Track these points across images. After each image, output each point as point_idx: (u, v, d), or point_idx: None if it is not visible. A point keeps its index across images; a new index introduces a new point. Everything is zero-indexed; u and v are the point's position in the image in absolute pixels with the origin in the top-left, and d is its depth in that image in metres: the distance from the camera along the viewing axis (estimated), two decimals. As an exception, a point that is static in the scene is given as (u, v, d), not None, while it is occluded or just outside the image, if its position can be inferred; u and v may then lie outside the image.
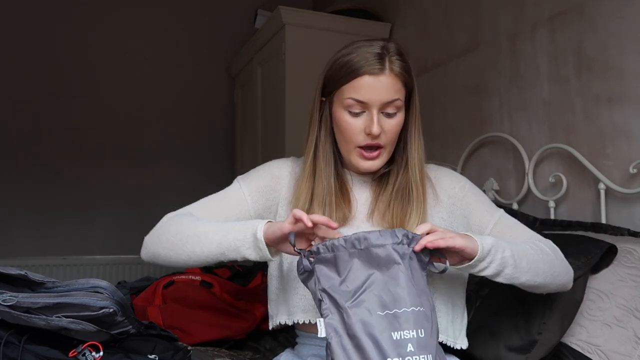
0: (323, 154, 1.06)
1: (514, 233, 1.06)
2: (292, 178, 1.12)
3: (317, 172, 1.05)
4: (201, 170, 3.33)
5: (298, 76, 2.44)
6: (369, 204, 1.07)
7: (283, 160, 1.18)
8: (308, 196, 1.04)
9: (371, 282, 0.81)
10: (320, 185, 1.04)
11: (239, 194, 1.11)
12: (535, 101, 1.79)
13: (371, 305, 0.79)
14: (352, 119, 1.01)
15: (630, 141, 1.47)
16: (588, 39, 1.60)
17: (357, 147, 1.02)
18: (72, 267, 3.02)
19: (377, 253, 0.82)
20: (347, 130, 1.02)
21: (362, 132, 1.01)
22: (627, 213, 1.48)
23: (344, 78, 1.01)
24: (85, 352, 0.90)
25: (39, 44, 3.03)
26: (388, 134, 1.02)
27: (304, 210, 1.01)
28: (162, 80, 3.25)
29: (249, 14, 3.18)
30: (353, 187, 1.09)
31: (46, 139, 3.02)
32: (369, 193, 1.09)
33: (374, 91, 0.99)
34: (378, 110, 1.00)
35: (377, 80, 0.99)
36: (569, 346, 1.15)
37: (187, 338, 1.46)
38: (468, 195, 1.09)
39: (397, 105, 1.02)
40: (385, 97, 1.00)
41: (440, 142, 2.24)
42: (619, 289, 1.18)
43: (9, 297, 0.88)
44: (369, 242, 0.82)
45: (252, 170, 1.18)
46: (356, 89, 1.00)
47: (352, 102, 1.00)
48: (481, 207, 1.09)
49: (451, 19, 2.21)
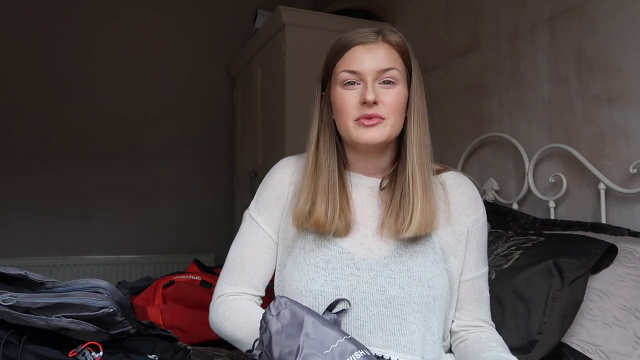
0: (324, 148, 1.01)
1: (478, 299, 1.04)
2: (296, 173, 1.07)
3: (318, 166, 1.01)
4: (201, 170, 3.33)
5: (298, 76, 2.45)
6: (378, 213, 1.01)
7: (282, 163, 1.12)
8: (311, 192, 0.99)
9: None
10: (323, 179, 0.99)
11: (260, 234, 1.07)
12: (535, 101, 1.79)
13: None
14: (347, 92, 0.97)
15: (630, 141, 1.47)
16: (588, 38, 1.60)
17: (355, 120, 0.96)
18: (72, 267, 3.02)
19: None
20: (342, 104, 0.97)
21: (358, 103, 0.95)
22: (627, 213, 1.48)
23: (337, 55, 0.98)
24: (85, 352, 0.90)
25: (39, 44, 3.03)
26: (388, 105, 0.95)
27: (303, 211, 0.98)
28: (162, 80, 3.25)
29: (249, 14, 3.18)
30: (356, 188, 1.04)
31: (46, 138, 3.02)
32: (377, 202, 1.02)
33: (367, 59, 0.95)
34: (373, 79, 0.95)
35: (369, 48, 0.96)
36: (569, 346, 1.15)
37: (187, 338, 1.46)
38: (475, 234, 1.04)
39: (393, 76, 0.96)
40: (379, 65, 0.95)
41: (440, 142, 2.24)
42: (619, 289, 1.18)
43: (8, 297, 0.88)
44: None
45: (258, 194, 1.11)
46: (348, 60, 0.96)
47: (345, 74, 0.96)
48: (475, 255, 1.04)
49: (451, 19, 2.21)
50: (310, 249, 0.99)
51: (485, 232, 1.08)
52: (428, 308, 0.95)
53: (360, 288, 0.95)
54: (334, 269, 0.96)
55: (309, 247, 1.00)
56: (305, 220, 0.99)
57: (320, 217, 0.97)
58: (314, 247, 0.99)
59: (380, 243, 0.99)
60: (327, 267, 0.97)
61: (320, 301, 0.95)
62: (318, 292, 0.95)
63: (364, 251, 0.98)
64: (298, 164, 1.09)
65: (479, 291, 1.05)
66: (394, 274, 0.95)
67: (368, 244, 0.99)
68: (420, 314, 0.94)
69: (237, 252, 1.07)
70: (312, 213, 0.98)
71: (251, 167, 2.95)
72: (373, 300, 0.94)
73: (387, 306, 0.93)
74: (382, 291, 0.94)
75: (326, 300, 0.94)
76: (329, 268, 0.96)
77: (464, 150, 2.06)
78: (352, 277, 0.95)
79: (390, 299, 0.94)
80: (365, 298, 0.94)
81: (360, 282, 0.95)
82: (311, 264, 0.98)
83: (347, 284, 0.95)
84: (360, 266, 0.96)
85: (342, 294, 0.94)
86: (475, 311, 1.04)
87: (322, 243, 0.99)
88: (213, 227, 3.31)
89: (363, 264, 0.97)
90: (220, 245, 3.29)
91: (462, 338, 1.03)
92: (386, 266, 0.96)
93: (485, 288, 1.06)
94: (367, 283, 0.95)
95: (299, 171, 1.06)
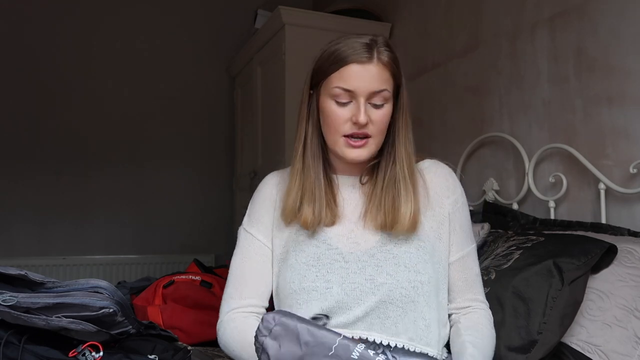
0: (311, 149, 1.05)
1: (467, 278, 1.06)
2: (282, 183, 1.12)
3: (306, 166, 1.05)
4: (201, 170, 3.34)
5: (298, 76, 2.42)
6: (361, 205, 1.06)
7: (268, 177, 1.17)
8: (298, 193, 1.04)
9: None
10: (309, 180, 1.04)
11: (256, 244, 1.10)
12: (535, 101, 1.79)
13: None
14: (339, 109, 1.00)
15: (630, 141, 1.47)
16: (588, 39, 1.60)
17: (344, 136, 1.00)
18: (72, 267, 3.03)
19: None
20: (333, 120, 1.00)
21: (349, 121, 0.99)
22: (627, 213, 1.48)
23: (332, 67, 1.00)
24: (85, 352, 0.90)
25: (40, 45, 3.03)
26: (376, 124, 1.00)
27: (294, 208, 1.03)
28: (162, 80, 3.25)
29: (249, 14, 3.18)
30: (341, 188, 1.08)
31: (46, 139, 3.03)
32: (359, 195, 1.08)
33: (362, 80, 0.98)
34: (365, 99, 0.99)
35: (364, 68, 0.98)
36: (569, 346, 1.15)
37: (187, 338, 1.46)
38: (456, 214, 1.08)
39: (384, 97, 1.00)
40: (372, 87, 0.98)
41: (440, 142, 2.24)
42: (619, 289, 1.18)
43: (9, 297, 0.88)
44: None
45: (249, 209, 1.15)
46: (343, 78, 0.98)
47: (339, 91, 0.99)
48: (458, 235, 1.07)
49: (451, 19, 2.21)
50: (301, 250, 1.03)
51: (467, 211, 1.11)
52: (416, 292, 0.98)
53: (350, 279, 0.98)
54: (323, 265, 1.00)
55: (299, 247, 1.04)
56: (294, 216, 1.04)
57: (307, 216, 1.02)
58: (303, 246, 1.03)
59: (366, 235, 1.03)
60: (317, 264, 1.01)
61: (313, 296, 0.99)
62: (310, 288, 0.99)
63: (350, 244, 1.02)
64: (283, 176, 1.14)
65: (467, 269, 1.07)
66: (380, 262, 0.99)
67: (354, 238, 1.03)
68: (408, 298, 0.97)
69: (237, 266, 1.10)
70: (300, 211, 1.03)
71: (251, 167, 2.95)
72: (362, 289, 0.97)
73: (375, 293, 0.97)
74: (371, 279, 0.98)
75: (318, 294, 0.98)
76: (319, 265, 1.00)
77: (464, 150, 2.06)
78: (342, 270, 0.99)
79: (379, 286, 0.97)
80: (356, 288, 0.98)
81: (350, 274, 0.99)
82: (302, 263, 1.01)
83: (337, 277, 0.99)
84: (348, 259, 1.01)
85: (333, 286, 0.98)
86: (464, 291, 1.07)
87: (309, 241, 1.04)
88: (213, 227, 3.31)
89: (351, 257, 1.01)
90: (220, 246, 3.29)
91: (453, 322, 1.06)
92: (373, 256, 1.00)
93: (473, 265, 1.09)
94: (356, 274, 0.99)
95: (284, 182, 1.11)
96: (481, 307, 1.07)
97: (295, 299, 1.00)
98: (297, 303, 1.00)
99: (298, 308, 0.99)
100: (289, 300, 1.01)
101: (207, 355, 1.28)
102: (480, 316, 1.05)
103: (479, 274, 1.10)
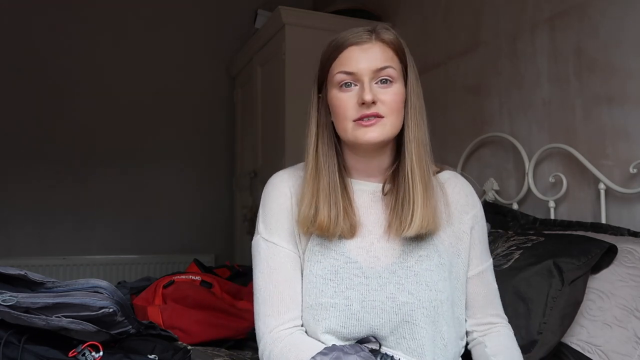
0: (323, 152, 1.00)
1: (487, 294, 1.04)
2: (293, 182, 1.04)
3: (319, 170, 0.99)
4: (201, 170, 3.33)
5: (298, 76, 2.44)
6: (383, 217, 1.00)
7: (276, 177, 1.07)
8: (313, 199, 0.97)
9: None
10: (324, 182, 0.98)
11: (282, 253, 1.00)
12: (535, 101, 1.79)
13: None
14: (345, 94, 0.96)
15: (630, 141, 1.47)
16: (588, 39, 1.60)
17: (353, 120, 0.95)
18: (72, 267, 3.02)
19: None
20: (340, 107, 0.96)
21: (356, 104, 0.94)
22: (627, 213, 1.48)
23: (332, 55, 0.98)
24: (85, 352, 0.90)
25: (41, 45, 3.02)
26: (387, 103, 0.94)
27: (308, 215, 0.96)
28: (162, 80, 3.25)
29: (249, 14, 3.18)
30: (357, 194, 1.02)
31: (46, 139, 3.02)
32: (380, 205, 1.01)
33: (362, 60, 0.94)
34: (370, 79, 0.94)
35: (363, 48, 0.95)
36: (569, 346, 1.15)
37: (187, 338, 1.46)
38: (475, 228, 1.05)
39: (390, 74, 0.95)
40: (374, 64, 0.94)
41: (440, 142, 2.24)
42: (619, 289, 1.18)
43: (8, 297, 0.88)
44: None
45: (263, 216, 1.05)
46: (343, 62, 0.96)
47: (341, 76, 0.96)
48: (477, 249, 1.05)
49: (451, 19, 2.21)
50: (317, 260, 0.98)
51: (485, 226, 1.09)
52: (436, 312, 0.95)
53: (370, 297, 0.94)
54: (342, 280, 0.95)
55: (315, 258, 0.98)
56: (311, 224, 0.97)
57: (324, 220, 0.96)
58: (320, 257, 0.98)
59: (387, 249, 0.98)
60: (336, 278, 0.95)
61: (331, 313, 0.94)
62: (329, 304, 0.94)
63: (371, 259, 0.97)
64: (292, 174, 1.06)
65: (486, 285, 1.05)
66: (402, 280, 0.95)
67: (375, 252, 0.98)
68: (430, 319, 0.94)
69: (265, 280, 1.00)
70: (316, 217, 0.96)
71: (251, 167, 2.95)
72: (384, 308, 0.94)
73: (397, 312, 0.93)
74: (392, 298, 0.94)
75: (338, 312, 0.94)
76: (337, 279, 0.95)
77: (464, 150, 2.06)
78: (362, 287, 0.95)
79: (401, 305, 0.93)
80: (376, 306, 0.94)
81: (370, 291, 0.94)
82: (318, 275, 0.96)
83: (357, 293, 0.94)
84: (368, 274, 0.96)
85: (352, 304, 0.93)
86: (485, 307, 1.04)
87: (327, 253, 0.98)
88: (213, 227, 3.31)
89: (371, 272, 0.96)
90: (220, 246, 3.29)
91: (474, 341, 1.03)
92: (394, 273, 0.96)
93: (492, 280, 1.07)
94: (377, 291, 0.94)
95: (295, 180, 1.04)
96: (503, 324, 1.05)
97: (312, 314, 0.95)
98: (315, 319, 0.95)
99: (316, 325, 0.94)
100: (305, 315, 0.97)
101: (207, 355, 1.28)
102: (505, 337, 1.03)
103: (497, 290, 1.07)
